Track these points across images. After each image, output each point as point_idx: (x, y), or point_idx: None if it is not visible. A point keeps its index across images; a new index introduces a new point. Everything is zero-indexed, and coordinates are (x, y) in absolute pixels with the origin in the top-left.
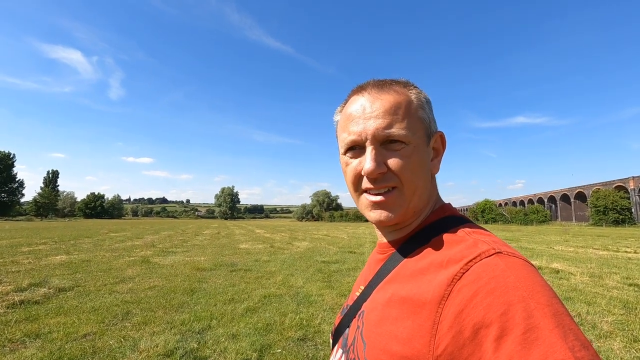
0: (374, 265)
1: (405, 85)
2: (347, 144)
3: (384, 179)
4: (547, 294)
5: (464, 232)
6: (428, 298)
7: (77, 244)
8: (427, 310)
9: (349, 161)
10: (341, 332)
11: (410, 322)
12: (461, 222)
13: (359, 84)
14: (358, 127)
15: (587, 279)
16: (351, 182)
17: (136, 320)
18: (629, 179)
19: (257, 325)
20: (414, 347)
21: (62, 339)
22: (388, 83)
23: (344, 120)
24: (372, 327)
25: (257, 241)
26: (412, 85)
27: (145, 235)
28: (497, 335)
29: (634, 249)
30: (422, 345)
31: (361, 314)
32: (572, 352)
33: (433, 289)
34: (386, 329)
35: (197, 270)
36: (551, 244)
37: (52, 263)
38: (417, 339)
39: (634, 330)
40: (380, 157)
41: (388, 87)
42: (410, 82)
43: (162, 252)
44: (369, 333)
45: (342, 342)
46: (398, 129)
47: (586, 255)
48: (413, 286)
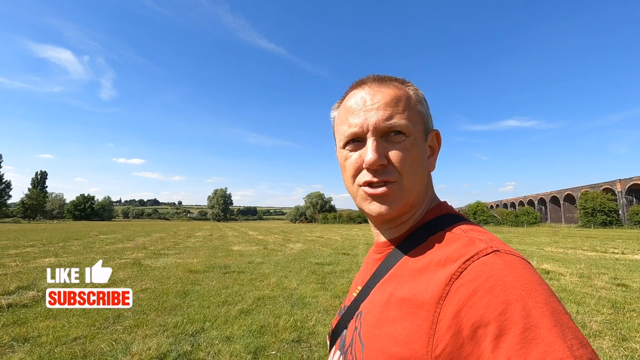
0: (371, 265)
1: (403, 82)
2: (347, 137)
3: (385, 171)
4: (545, 292)
5: (461, 231)
6: (426, 298)
7: (66, 247)
8: (425, 311)
9: (348, 155)
10: (338, 334)
11: (408, 323)
12: (458, 220)
13: (359, 79)
14: (359, 119)
15: (577, 280)
16: (351, 176)
17: (128, 323)
18: (616, 182)
19: (251, 328)
20: (412, 348)
21: (51, 343)
22: (387, 78)
23: (344, 113)
24: (370, 328)
25: (250, 243)
26: (410, 82)
27: (137, 237)
28: (496, 334)
29: (622, 250)
30: (421, 346)
31: (359, 315)
32: (571, 351)
33: (431, 289)
34: (384, 330)
35: (190, 272)
36: (541, 245)
37: (40, 266)
38: (415, 339)
39: (622, 329)
40: (382, 149)
41: (388, 82)
42: (407, 80)
43: (154, 254)
44: (367, 334)
45: (339, 344)
46: (399, 120)
47: (575, 256)
48: (411, 286)
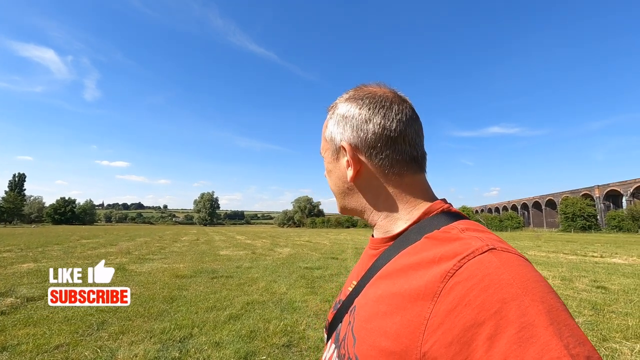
0: (367, 261)
1: (333, 104)
2: None
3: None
4: (542, 289)
5: (458, 229)
6: (419, 294)
7: (45, 252)
8: (417, 306)
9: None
10: (334, 327)
11: (399, 318)
12: (455, 218)
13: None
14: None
15: (559, 282)
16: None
17: (113, 329)
18: (594, 188)
19: (241, 333)
20: (402, 342)
21: (32, 351)
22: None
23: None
24: (362, 322)
25: (238, 247)
26: (340, 97)
27: (120, 242)
28: (491, 333)
29: (600, 253)
30: (410, 340)
31: (353, 310)
32: (567, 350)
33: (425, 285)
34: (376, 325)
35: (177, 277)
36: (524, 249)
37: (18, 271)
38: (405, 334)
39: (603, 330)
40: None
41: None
42: (344, 93)
43: (139, 259)
44: (359, 329)
45: (335, 337)
46: (322, 153)
47: (557, 260)
48: (404, 282)
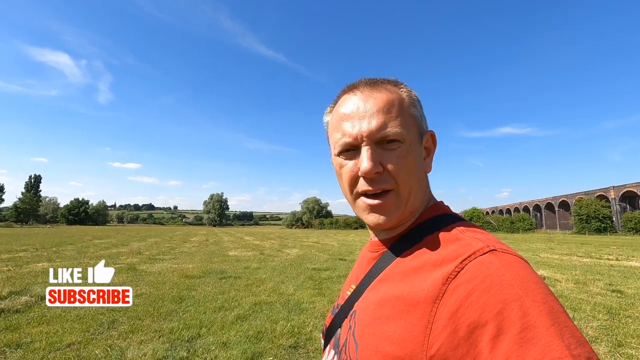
0: (366, 264)
1: (395, 84)
2: (341, 146)
3: (381, 179)
4: (542, 291)
5: (458, 231)
6: (422, 297)
7: (59, 251)
8: (420, 310)
9: (344, 162)
10: (333, 332)
11: (403, 322)
12: (455, 220)
13: (350, 83)
14: (352, 128)
15: (572, 286)
16: (347, 185)
17: (123, 328)
18: (609, 189)
19: (248, 333)
20: (407, 347)
21: (44, 349)
22: (380, 82)
23: (336, 120)
24: (364, 327)
25: (247, 248)
26: (402, 84)
27: (131, 242)
28: (493, 334)
29: (616, 256)
30: (416, 345)
31: (353, 314)
32: (569, 350)
33: (427, 288)
34: (379, 329)
35: (186, 277)
36: (537, 251)
37: (33, 271)
38: (410, 339)
39: (618, 335)
40: (377, 156)
41: (380, 86)
42: (400, 81)
43: (149, 259)
44: (361, 333)
45: (334, 343)
46: (393, 128)
47: (571, 263)
48: (406, 285)
